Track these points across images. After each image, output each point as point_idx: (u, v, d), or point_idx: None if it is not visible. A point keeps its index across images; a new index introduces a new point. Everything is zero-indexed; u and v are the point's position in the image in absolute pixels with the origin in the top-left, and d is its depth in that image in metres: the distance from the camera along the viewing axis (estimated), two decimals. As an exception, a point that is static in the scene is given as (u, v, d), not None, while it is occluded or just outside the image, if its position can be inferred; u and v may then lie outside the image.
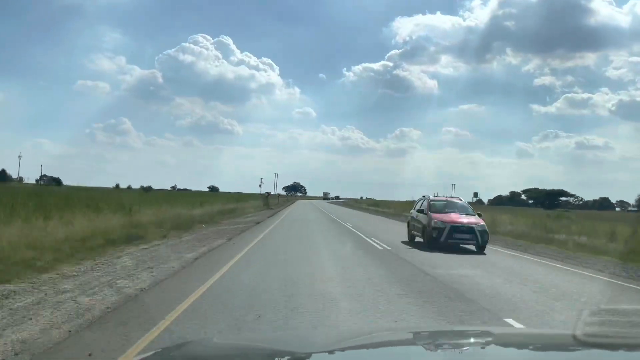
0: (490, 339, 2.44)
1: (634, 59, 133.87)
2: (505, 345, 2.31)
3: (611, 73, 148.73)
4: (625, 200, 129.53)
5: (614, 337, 2.19)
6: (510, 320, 6.47)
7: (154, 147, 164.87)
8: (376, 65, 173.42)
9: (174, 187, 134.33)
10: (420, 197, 18.16)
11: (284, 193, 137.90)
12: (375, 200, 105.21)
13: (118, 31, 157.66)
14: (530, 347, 2.25)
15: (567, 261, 13.74)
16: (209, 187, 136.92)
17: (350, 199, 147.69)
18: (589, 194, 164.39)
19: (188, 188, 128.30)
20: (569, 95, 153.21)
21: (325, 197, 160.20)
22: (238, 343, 2.58)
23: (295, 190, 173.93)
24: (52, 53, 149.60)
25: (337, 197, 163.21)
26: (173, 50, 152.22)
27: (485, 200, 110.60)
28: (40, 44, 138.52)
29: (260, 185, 77.68)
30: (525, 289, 9.13)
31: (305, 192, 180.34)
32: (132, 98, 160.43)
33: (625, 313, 4.60)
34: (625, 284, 10.40)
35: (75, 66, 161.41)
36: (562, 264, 13.27)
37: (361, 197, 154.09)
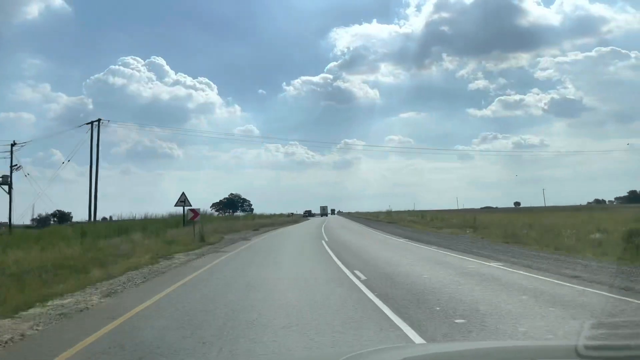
0: (494, 353, 2.46)
1: (560, 59, 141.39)
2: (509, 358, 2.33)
3: (539, 74, 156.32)
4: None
5: (617, 349, 2.21)
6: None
7: (88, 177, 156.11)
8: (316, 78, 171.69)
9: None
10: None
11: (215, 213, 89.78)
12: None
13: (39, 57, 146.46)
14: (535, 358, 2.29)
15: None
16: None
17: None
18: (528, 191, 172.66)
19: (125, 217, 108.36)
20: (502, 97, 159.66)
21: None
22: None
23: (232, 207, 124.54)
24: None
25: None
26: (102, 74, 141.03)
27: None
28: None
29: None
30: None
31: (252, 210, 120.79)
32: (60, 127, 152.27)
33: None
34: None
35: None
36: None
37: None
